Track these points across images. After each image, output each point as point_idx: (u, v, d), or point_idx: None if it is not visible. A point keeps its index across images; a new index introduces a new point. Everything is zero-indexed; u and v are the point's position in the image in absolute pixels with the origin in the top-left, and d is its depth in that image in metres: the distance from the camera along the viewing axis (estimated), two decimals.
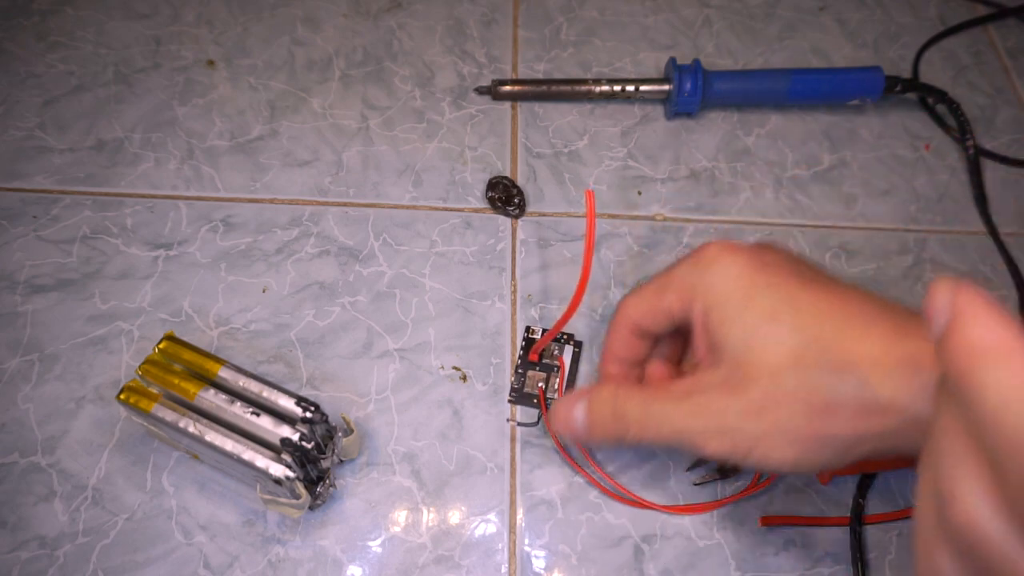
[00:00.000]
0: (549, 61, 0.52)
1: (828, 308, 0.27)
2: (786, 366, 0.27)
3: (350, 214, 0.44)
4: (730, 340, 0.28)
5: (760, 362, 0.27)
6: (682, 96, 0.47)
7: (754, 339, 0.28)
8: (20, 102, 0.48)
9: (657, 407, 0.29)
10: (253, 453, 0.32)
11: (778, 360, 0.27)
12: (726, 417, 0.28)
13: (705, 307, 0.29)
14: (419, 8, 0.54)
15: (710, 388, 0.28)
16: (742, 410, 0.27)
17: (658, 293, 0.31)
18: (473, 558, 0.34)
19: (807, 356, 0.26)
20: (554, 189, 0.46)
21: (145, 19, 0.52)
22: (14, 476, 0.35)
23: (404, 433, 0.37)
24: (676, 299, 0.30)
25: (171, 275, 0.41)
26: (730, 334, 0.28)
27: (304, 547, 0.34)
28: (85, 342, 0.39)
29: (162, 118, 0.48)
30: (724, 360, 0.28)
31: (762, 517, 0.35)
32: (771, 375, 0.27)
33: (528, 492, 0.36)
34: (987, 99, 0.52)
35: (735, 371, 0.28)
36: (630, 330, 0.33)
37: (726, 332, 0.28)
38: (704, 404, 0.28)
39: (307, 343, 0.40)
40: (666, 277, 0.31)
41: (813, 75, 0.49)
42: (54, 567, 0.33)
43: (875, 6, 0.57)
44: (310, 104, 0.49)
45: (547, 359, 0.40)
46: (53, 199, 0.44)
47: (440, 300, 0.41)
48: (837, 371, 0.26)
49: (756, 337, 0.27)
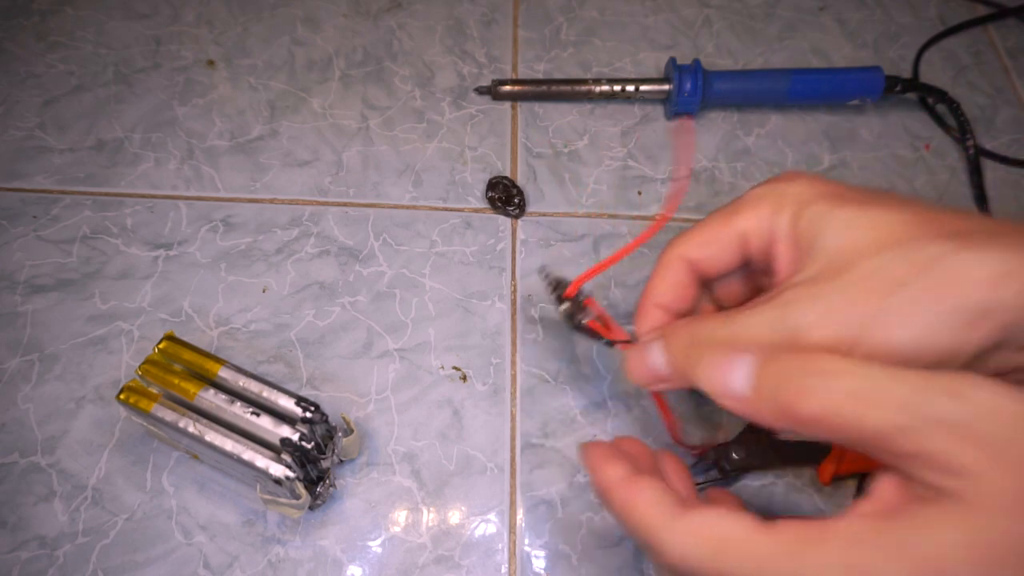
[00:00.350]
0: (549, 61, 0.52)
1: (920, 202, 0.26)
2: (894, 242, 0.24)
3: (350, 214, 0.44)
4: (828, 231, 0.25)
5: (863, 243, 0.25)
6: (682, 96, 0.47)
7: (855, 223, 0.25)
8: (20, 102, 0.48)
9: (742, 319, 0.26)
10: (253, 453, 0.32)
11: (883, 238, 0.25)
12: (830, 300, 0.24)
13: (795, 214, 0.27)
14: (419, 8, 0.54)
15: (805, 281, 0.25)
16: (847, 290, 0.24)
17: (725, 219, 0.29)
18: (473, 558, 0.34)
19: (918, 229, 0.24)
20: (554, 189, 0.46)
21: (145, 19, 0.52)
22: (14, 476, 0.35)
23: (404, 433, 0.37)
24: (752, 218, 0.28)
25: (171, 275, 0.41)
26: (829, 225, 0.26)
27: (304, 547, 0.34)
28: (85, 342, 0.39)
29: (162, 118, 0.48)
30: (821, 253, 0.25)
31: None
32: (877, 253, 0.24)
33: (528, 492, 0.36)
34: (987, 99, 0.52)
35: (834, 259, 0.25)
36: (683, 267, 0.30)
37: (824, 224, 0.26)
38: (801, 295, 0.25)
39: (307, 343, 0.40)
40: (734, 203, 0.29)
41: (813, 75, 0.49)
42: (54, 567, 0.33)
43: (875, 6, 0.57)
44: (310, 104, 0.49)
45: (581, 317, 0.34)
46: (53, 199, 0.44)
47: (440, 300, 0.41)
48: (951, 239, 0.24)
49: (857, 221, 0.25)
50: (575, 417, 0.38)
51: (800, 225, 0.27)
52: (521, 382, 0.39)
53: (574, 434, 0.38)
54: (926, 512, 0.20)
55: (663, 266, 0.30)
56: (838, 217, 0.26)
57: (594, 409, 0.38)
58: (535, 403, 0.38)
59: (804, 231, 0.26)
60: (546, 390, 0.39)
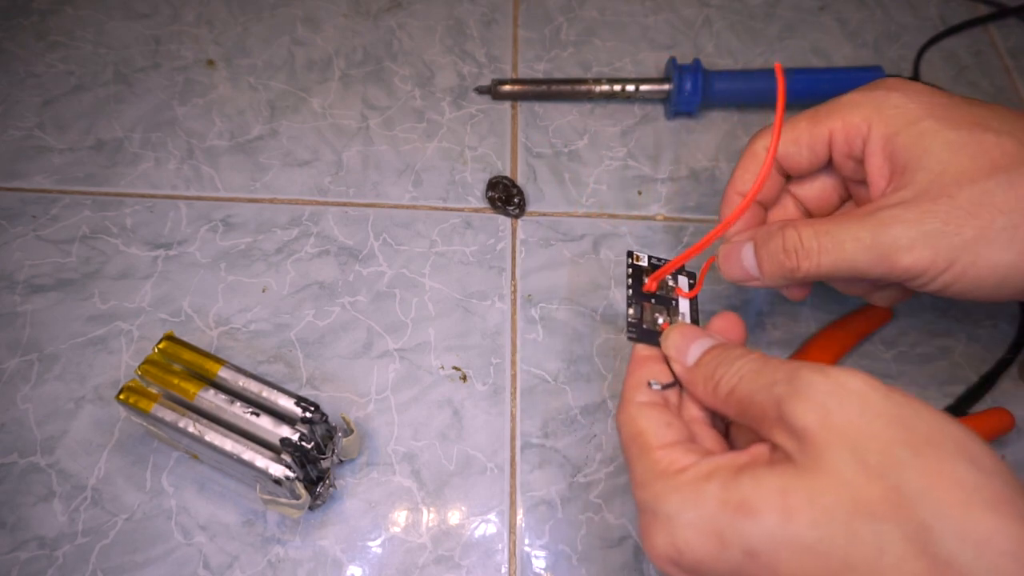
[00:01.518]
0: (549, 61, 0.52)
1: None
2: (1001, 168, 0.25)
3: (350, 214, 0.44)
4: (933, 150, 0.26)
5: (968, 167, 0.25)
6: (682, 96, 0.47)
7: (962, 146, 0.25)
8: (20, 102, 0.48)
9: (836, 229, 0.27)
10: (253, 453, 0.32)
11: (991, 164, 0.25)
12: (926, 223, 0.25)
13: (891, 130, 0.27)
14: (419, 8, 0.54)
15: (903, 201, 0.25)
16: (948, 214, 0.25)
17: (816, 119, 0.29)
18: (473, 558, 0.34)
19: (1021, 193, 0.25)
20: (554, 189, 0.46)
21: (145, 19, 0.52)
22: (13, 476, 0.35)
23: (404, 433, 0.37)
24: (842, 126, 0.28)
25: (171, 275, 0.41)
26: (933, 144, 0.26)
27: (304, 547, 0.34)
28: (85, 342, 0.39)
29: (162, 118, 0.48)
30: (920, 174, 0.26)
31: None
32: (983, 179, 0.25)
33: (528, 492, 0.36)
34: (988, 99, 0.52)
35: (936, 181, 0.25)
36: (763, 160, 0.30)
37: (928, 143, 0.26)
38: (898, 215, 0.25)
39: (307, 343, 0.40)
40: (827, 105, 0.29)
41: (813, 75, 0.49)
42: (53, 567, 0.33)
43: (875, 6, 0.57)
44: (310, 104, 0.49)
45: (662, 291, 0.33)
46: (52, 199, 0.44)
47: (440, 300, 0.41)
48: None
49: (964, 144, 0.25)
50: (575, 417, 0.38)
51: (900, 141, 0.26)
52: (521, 382, 0.39)
53: (574, 434, 0.38)
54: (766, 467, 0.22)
55: (747, 157, 0.31)
56: (943, 139, 0.25)
57: (594, 409, 0.38)
58: (535, 403, 0.38)
59: (904, 148, 0.26)
60: (546, 390, 0.39)
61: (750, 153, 0.32)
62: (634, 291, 0.32)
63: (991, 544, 0.18)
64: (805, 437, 0.21)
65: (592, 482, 0.36)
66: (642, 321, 0.31)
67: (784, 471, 0.21)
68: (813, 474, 0.21)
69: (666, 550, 0.23)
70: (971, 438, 0.21)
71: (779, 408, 0.22)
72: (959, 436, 0.21)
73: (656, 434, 0.25)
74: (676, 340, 0.28)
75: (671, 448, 0.25)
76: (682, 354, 0.28)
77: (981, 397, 0.39)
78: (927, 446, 0.20)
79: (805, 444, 0.21)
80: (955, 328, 0.42)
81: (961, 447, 0.20)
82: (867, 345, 0.41)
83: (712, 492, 0.22)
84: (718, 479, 0.22)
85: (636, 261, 0.33)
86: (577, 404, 0.38)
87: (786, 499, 0.21)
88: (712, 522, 0.22)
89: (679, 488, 0.23)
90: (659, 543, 0.23)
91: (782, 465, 0.22)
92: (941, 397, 0.39)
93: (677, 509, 0.23)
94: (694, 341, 0.28)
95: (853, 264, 0.27)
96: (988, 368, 0.40)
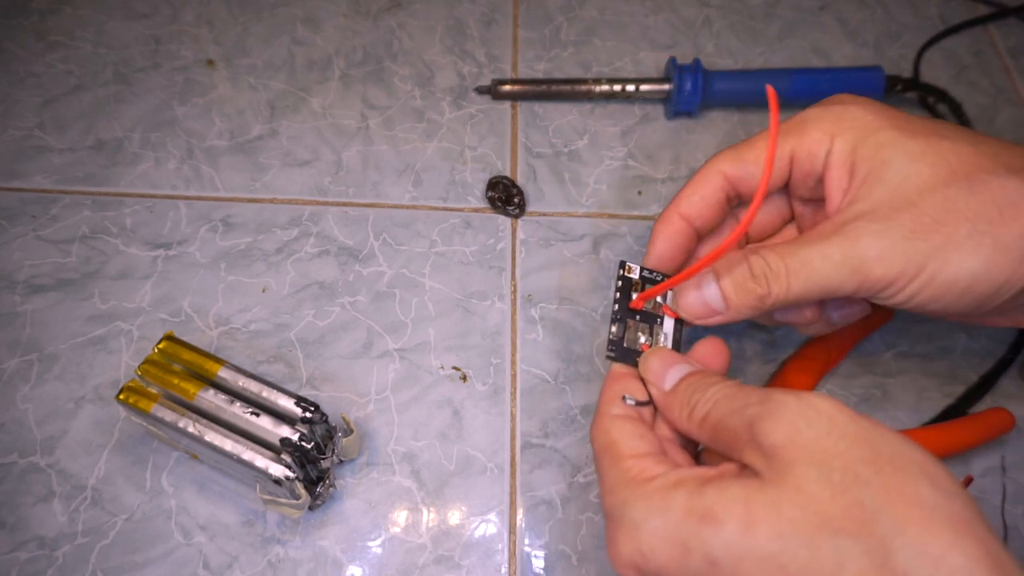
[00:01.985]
0: (549, 61, 0.52)
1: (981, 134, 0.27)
2: (961, 175, 0.25)
3: (350, 214, 0.44)
4: (892, 163, 0.26)
5: (929, 177, 0.25)
6: (682, 95, 0.47)
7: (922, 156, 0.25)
8: (19, 102, 0.48)
9: (802, 250, 0.26)
10: (253, 453, 0.32)
11: (950, 171, 0.25)
12: (895, 231, 0.25)
13: (852, 142, 0.27)
14: (419, 8, 0.54)
15: (867, 212, 0.26)
16: (913, 225, 0.25)
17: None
18: (473, 558, 0.34)
19: (983, 163, 0.25)
20: (554, 189, 0.46)
21: (145, 19, 0.52)
22: (13, 476, 0.35)
23: (404, 433, 0.37)
24: (805, 142, 0.28)
25: (171, 275, 0.41)
26: (891, 157, 0.26)
27: (304, 547, 0.34)
28: (84, 342, 0.39)
29: (162, 118, 0.48)
30: (882, 185, 0.26)
31: None
32: (945, 187, 0.25)
33: (528, 492, 0.36)
34: (988, 99, 0.52)
35: (898, 191, 0.25)
36: (720, 184, 0.30)
37: (886, 156, 0.26)
38: (864, 228, 0.25)
39: (307, 343, 0.40)
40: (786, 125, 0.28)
41: (814, 75, 0.49)
42: (53, 567, 0.33)
43: (876, 5, 0.57)
44: (310, 104, 0.49)
45: (649, 308, 0.32)
46: (52, 199, 0.44)
47: (440, 300, 0.41)
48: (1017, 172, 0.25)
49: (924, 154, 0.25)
50: (575, 417, 0.38)
51: (860, 153, 0.26)
52: (521, 382, 0.39)
53: (574, 434, 0.38)
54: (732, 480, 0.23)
55: (699, 177, 0.30)
56: (903, 148, 0.26)
57: (594, 409, 0.38)
58: (535, 403, 0.38)
59: (865, 159, 0.26)
60: (546, 390, 0.39)
61: (702, 174, 0.31)
62: (620, 307, 0.32)
63: (947, 560, 0.19)
64: (773, 454, 0.22)
65: (592, 482, 0.36)
66: (623, 340, 0.31)
67: (749, 483, 0.22)
68: (778, 487, 0.21)
69: (631, 556, 0.23)
70: (933, 462, 0.21)
71: (751, 429, 0.23)
72: (921, 459, 0.21)
73: (628, 444, 0.26)
74: (655, 365, 0.29)
75: (642, 458, 0.25)
76: (660, 379, 0.28)
77: (981, 397, 0.39)
78: (890, 466, 0.21)
79: (773, 460, 0.22)
80: (955, 328, 0.42)
81: (923, 469, 0.21)
82: (867, 345, 0.41)
83: (678, 500, 0.23)
84: (685, 488, 0.23)
85: (627, 273, 0.32)
86: (577, 404, 0.38)
87: (749, 510, 0.21)
88: (677, 530, 0.22)
89: (647, 495, 0.23)
90: (624, 549, 0.23)
91: (748, 479, 0.22)
92: (941, 397, 0.39)
93: (643, 516, 0.23)
94: (672, 367, 0.28)
95: (826, 282, 0.26)
96: (988, 368, 0.40)
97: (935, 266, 0.25)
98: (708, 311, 0.29)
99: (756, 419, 0.23)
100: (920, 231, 0.25)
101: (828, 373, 0.40)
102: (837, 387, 0.39)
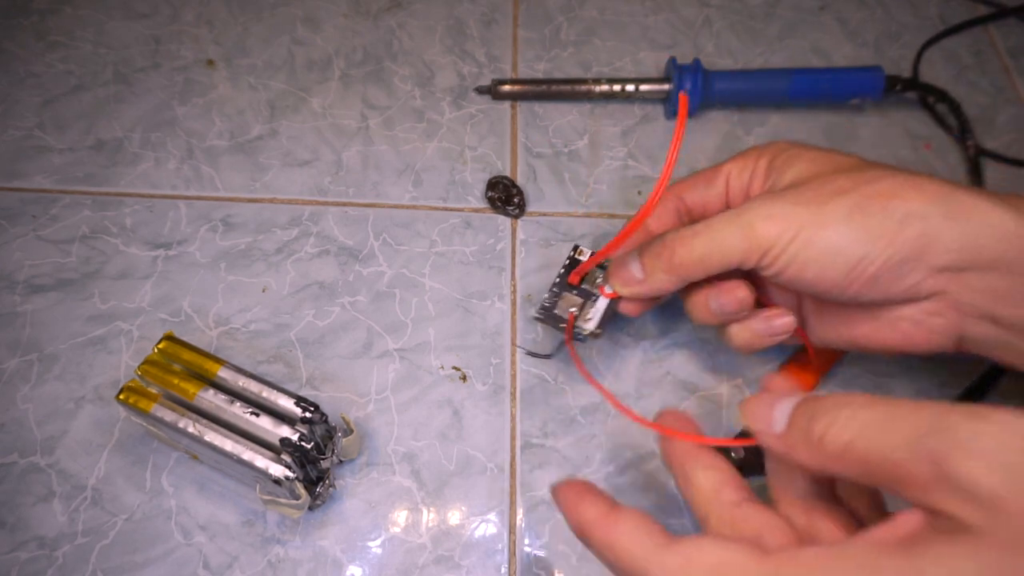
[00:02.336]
0: (549, 61, 0.52)
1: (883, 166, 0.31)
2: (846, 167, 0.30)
3: (350, 214, 0.44)
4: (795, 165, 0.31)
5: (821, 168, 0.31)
6: None
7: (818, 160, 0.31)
8: (19, 102, 0.48)
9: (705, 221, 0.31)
10: (253, 453, 0.32)
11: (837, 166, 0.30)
12: (779, 202, 0.30)
13: (772, 157, 0.33)
14: (419, 8, 0.54)
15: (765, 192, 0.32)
16: (797, 195, 0.30)
17: (715, 168, 0.35)
18: (473, 558, 0.34)
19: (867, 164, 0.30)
20: (554, 189, 0.46)
21: (145, 19, 0.52)
22: (13, 476, 0.35)
23: (404, 433, 0.37)
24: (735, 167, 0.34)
25: (171, 275, 0.41)
26: (796, 162, 0.31)
27: (304, 547, 0.34)
28: (84, 342, 0.39)
29: (162, 118, 0.48)
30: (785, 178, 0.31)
31: None
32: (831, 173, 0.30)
33: (528, 492, 0.36)
34: (988, 99, 0.52)
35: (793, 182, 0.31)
36: (672, 208, 0.35)
37: (792, 162, 0.32)
38: (758, 200, 0.30)
39: (307, 343, 0.40)
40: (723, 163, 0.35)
41: (813, 75, 0.49)
42: (53, 567, 0.33)
43: (875, 5, 0.57)
44: (310, 104, 0.49)
45: (587, 285, 0.36)
46: (52, 199, 0.44)
47: (440, 300, 0.41)
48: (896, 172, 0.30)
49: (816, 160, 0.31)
50: (575, 417, 0.38)
51: (774, 164, 0.32)
52: (521, 382, 0.39)
53: (574, 434, 0.38)
54: (944, 541, 0.19)
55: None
56: (807, 156, 0.32)
57: (594, 409, 0.38)
58: (535, 403, 0.38)
59: (777, 168, 0.32)
60: (546, 390, 0.39)
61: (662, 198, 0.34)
62: (561, 280, 0.37)
63: None
64: (995, 504, 0.18)
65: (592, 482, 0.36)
66: (554, 307, 0.36)
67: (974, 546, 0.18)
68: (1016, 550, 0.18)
69: None
70: None
71: (939, 467, 0.19)
72: None
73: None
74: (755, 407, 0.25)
75: None
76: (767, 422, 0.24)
77: (981, 397, 0.39)
78: None
79: (997, 512, 0.18)
80: None
81: None
82: None
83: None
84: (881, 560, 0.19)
85: (578, 255, 0.37)
86: (577, 404, 0.38)
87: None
88: None
89: None
90: None
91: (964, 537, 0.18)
92: (941, 397, 0.39)
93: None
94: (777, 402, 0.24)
95: (723, 242, 0.30)
96: (988, 368, 0.40)
97: (809, 232, 0.29)
98: (631, 279, 0.34)
99: (945, 456, 0.19)
100: (802, 201, 0.29)
101: (828, 373, 0.40)
102: (837, 387, 0.40)
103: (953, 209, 0.28)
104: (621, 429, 0.38)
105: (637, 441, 0.37)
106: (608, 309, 0.35)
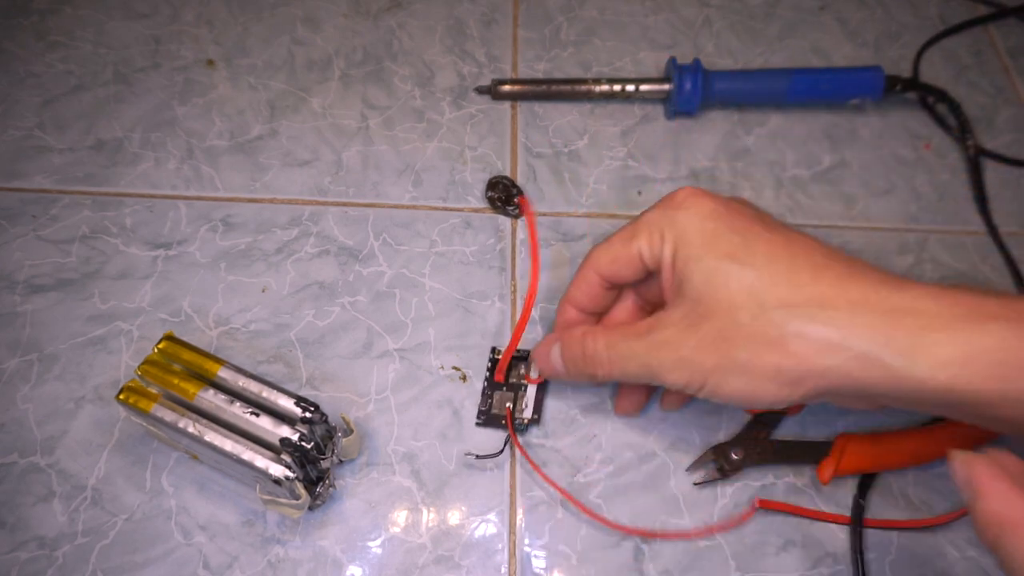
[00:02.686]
0: (549, 61, 0.52)
1: (784, 252, 0.29)
2: (740, 304, 0.29)
3: (350, 214, 0.44)
4: (693, 278, 0.30)
5: (717, 298, 0.29)
6: (682, 95, 0.47)
7: (714, 277, 0.29)
8: (19, 102, 0.48)
9: (623, 345, 0.32)
10: (253, 453, 0.32)
11: (733, 297, 0.29)
12: (683, 350, 0.30)
13: (674, 248, 0.31)
14: (419, 8, 0.54)
15: (670, 324, 0.31)
16: (698, 344, 0.29)
17: (627, 240, 0.33)
18: (473, 558, 0.34)
19: (761, 294, 0.29)
20: (554, 189, 0.46)
21: (145, 19, 0.52)
22: (13, 476, 0.35)
23: (404, 433, 0.37)
24: (646, 242, 0.32)
25: (171, 275, 0.41)
26: (694, 272, 0.30)
27: (304, 547, 0.34)
28: (84, 342, 0.39)
29: (162, 118, 0.48)
30: (686, 297, 0.30)
31: (760, 500, 0.35)
32: (727, 311, 0.29)
33: (528, 492, 0.36)
34: (987, 98, 0.52)
35: (695, 307, 0.30)
36: (596, 279, 0.35)
37: (691, 270, 0.30)
38: (664, 339, 0.30)
39: (307, 343, 0.40)
40: (635, 224, 0.33)
41: (813, 75, 0.49)
42: (53, 567, 0.33)
43: (875, 5, 0.57)
44: (310, 104, 0.49)
45: (513, 379, 0.38)
46: (52, 199, 0.44)
47: (440, 300, 0.41)
48: (788, 308, 0.28)
49: (716, 274, 0.29)
50: (575, 417, 0.38)
51: (676, 265, 0.31)
52: None
53: (574, 434, 0.38)
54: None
55: (579, 276, 0.35)
56: (700, 268, 0.30)
57: (594, 409, 0.38)
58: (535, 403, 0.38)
59: (679, 272, 0.31)
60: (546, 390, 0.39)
61: (580, 273, 0.35)
62: (488, 383, 0.38)
63: None
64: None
65: (592, 482, 0.36)
66: (490, 409, 0.38)
67: None
68: None
69: None
70: None
71: None
72: None
73: None
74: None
75: None
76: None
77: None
78: None
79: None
80: None
81: None
82: None
83: None
84: None
85: (496, 355, 0.39)
86: (577, 404, 0.38)
87: None
88: None
89: None
90: None
91: None
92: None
93: None
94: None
95: (636, 377, 0.32)
96: None
97: (715, 382, 0.29)
98: (554, 371, 0.35)
99: None
100: (701, 354, 0.29)
101: None
102: None
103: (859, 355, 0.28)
104: (621, 429, 0.38)
105: (637, 441, 0.38)
106: (538, 395, 0.38)
